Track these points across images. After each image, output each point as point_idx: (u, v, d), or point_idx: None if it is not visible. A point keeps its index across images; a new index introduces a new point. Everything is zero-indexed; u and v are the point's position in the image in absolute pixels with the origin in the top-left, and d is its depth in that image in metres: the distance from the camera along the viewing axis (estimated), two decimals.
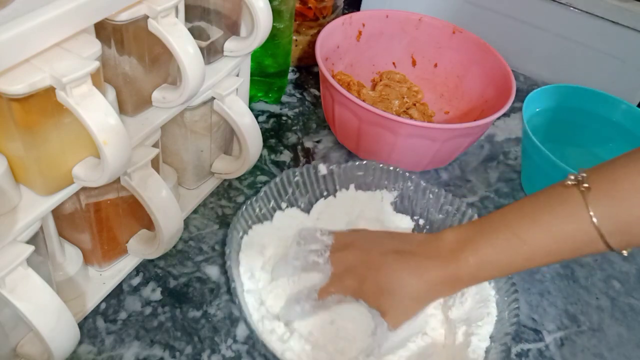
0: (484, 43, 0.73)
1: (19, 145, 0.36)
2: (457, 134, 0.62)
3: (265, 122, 0.73)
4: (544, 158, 0.61)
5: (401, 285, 0.47)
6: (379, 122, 0.61)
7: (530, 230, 0.43)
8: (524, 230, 0.43)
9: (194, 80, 0.44)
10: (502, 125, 0.80)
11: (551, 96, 0.71)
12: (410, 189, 0.58)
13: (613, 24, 0.84)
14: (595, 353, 0.54)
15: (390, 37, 0.77)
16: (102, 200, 0.46)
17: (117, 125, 0.36)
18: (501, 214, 0.46)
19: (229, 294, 0.53)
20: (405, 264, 0.48)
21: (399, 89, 0.76)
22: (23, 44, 0.32)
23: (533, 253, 0.43)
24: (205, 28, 0.52)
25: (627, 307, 0.59)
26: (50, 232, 0.45)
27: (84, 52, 0.36)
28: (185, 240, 0.57)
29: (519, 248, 0.44)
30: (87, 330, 0.48)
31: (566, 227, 0.42)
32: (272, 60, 0.72)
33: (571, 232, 0.42)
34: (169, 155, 0.58)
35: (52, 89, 0.34)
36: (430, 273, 0.47)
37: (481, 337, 0.48)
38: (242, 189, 0.63)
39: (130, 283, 0.52)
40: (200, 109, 0.54)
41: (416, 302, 0.48)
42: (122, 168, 0.39)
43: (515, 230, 0.44)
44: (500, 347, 0.47)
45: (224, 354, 0.49)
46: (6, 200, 0.38)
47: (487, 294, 0.51)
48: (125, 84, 0.44)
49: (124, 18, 0.40)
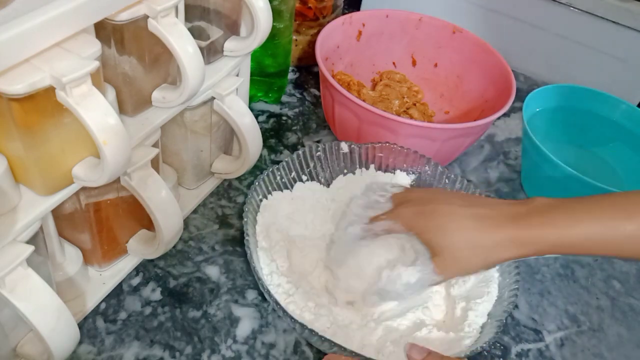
0: (484, 43, 0.72)
1: (18, 145, 0.36)
2: (457, 134, 0.62)
3: (265, 122, 0.73)
4: (544, 158, 0.61)
5: (463, 227, 0.44)
6: (379, 122, 0.61)
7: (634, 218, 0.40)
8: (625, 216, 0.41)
9: (194, 80, 0.44)
10: (502, 125, 0.80)
11: (551, 96, 0.71)
12: (427, 172, 0.60)
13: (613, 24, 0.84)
14: (595, 353, 0.54)
15: (390, 36, 0.77)
16: (102, 200, 0.46)
17: (116, 125, 0.36)
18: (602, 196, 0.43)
19: (229, 294, 0.53)
20: (476, 209, 0.44)
21: (399, 88, 0.76)
22: (23, 43, 0.32)
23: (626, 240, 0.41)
24: (205, 28, 0.52)
25: (627, 307, 0.59)
26: (50, 232, 0.45)
27: (83, 52, 0.36)
28: (185, 240, 0.57)
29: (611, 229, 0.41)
30: (87, 330, 0.48)
31: None
32: (272, 60, 0.72)
33: None
34: (168, 155, 0.58)
35: (52, 89, 0.34)
36: (506, 228, 0.43)
37: (478, 313, 0.49)
38: (242, 189, 0.63)
39: (130, 283, 0.52)
40: (200, 108, 0.54)
41: (476, 256, 0.44)
42: (122, 168, 0.39)
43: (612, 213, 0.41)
44: (495, 322, 0.47)
45: (224, 354, 0.49)
46: (6, 200, 0.38)
47: (490, 275, 0.51)
48: (125, 83, 0.44)
49: (124, 18, 0.40)
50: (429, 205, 0.46)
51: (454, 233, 0.44)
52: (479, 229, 0.43)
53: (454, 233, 0.44)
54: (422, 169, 0.60)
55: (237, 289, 0.53)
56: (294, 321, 0.44)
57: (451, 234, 0.44)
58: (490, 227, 0.43)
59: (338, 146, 0.60)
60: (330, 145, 0.59)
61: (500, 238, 0.43)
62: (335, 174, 0.61)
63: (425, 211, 0.45)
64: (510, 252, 0.43)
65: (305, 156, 0.59)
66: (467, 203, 0.46)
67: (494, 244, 0.43)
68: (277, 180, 0.57)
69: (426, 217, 0.45)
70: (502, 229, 0.43)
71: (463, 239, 0.43)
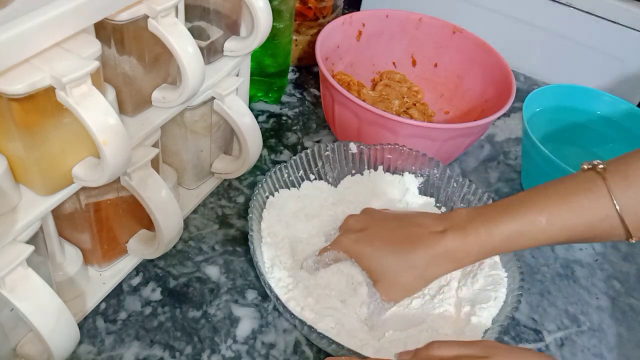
0: (484, 43, 0.72)
1: (18, 145, 0.36)
2: (457, 134, 0.62)
3: (265, 122, 0.73)
4: (544, 158, 0.61)
5: (398, 253, 0.46)
6: (379, 122, 0.61)
7: (550, 208, 0.43)
8: (542, 206, 0.44)
9: (194, 80, 0.44)
10: (502, 125, 0.80)
11: (551, 96, 0.71)
12: (435, 175, 0.60)
13: (613, 24, 0.84)
14: (595, 353, 0.54)
15: (390, 36, 0.77)
16: (102, 200, 0.46)
17: (116, 125, 0.36)
18: (514, 196, 0.46)
19: (229, 294, 0.53)
20: (406, 231, 0.47)
21: (399, 88, 0.76)
22: (23, 43, 0.32)
23: (550, 227, 0.44)
24: (205, 28, 0.52)
25: (627, 307, 0.59)
26: (50, 232, 0.45)
27: (83, 52, 0.36)
28: (185, 240, 0.57)
29: (533, 220, 0.44)
30: (87, 330, 0.48)
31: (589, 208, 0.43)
32: (272, 60, 0.72)
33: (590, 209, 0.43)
34: (168, 155, 0.58)
35: (52, 89, 0.34)
36: (434, 245, 0.46)
37: (482, 319, 0.49)
38: (242, 189, 0.63)
39: (130, 283, 0.52)
40: (200, 108, 0.54)
41: (414, 277, 0.46)
42: (122, 168, 0.39)
43: (532, 205, 0.44)
44: (497, 328, 0.47)
45: (224, 354, 0.49)
46: (6, 200, 0.38)
47: (499, 278, 0.52)
48: (125, 83, 0.44)
49: (124, 18, 0.40)
50: (365, 231, 0.48)
51: (387, 258, 0.46)
52: (410, 251, 0.46)
53: (388, 258, 0.46)
54: (431, 172, 0.60)
55: (237, 289, 0.53)
56: (293, 317, 0.44)
57: (386, 259, 0.46)
58: (420, 247, 0.46)
59: (347, 146, 0.60)
60: (339, 145, 0.60)
61: (431, 255, 0.46)
62: (343, 174, 0.61)
63: (361, 238, 0.48)
64: (443, 267, 0.47)
65: (313, 155, 0.59)
66: (399, 225, 0.49)
67: (426, 263, 0.46)
68: (285, 178, 0.57)
69: (362, 243, 0.48)
70: (431, 247, 0.46)
71: (397, 261, 0.46)
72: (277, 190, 0.57)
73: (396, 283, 0.47)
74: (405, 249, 0.47)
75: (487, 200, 0.57)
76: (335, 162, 0.60)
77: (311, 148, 0.59)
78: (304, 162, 0.59)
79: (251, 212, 0.51)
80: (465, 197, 0.58)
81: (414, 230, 0.48)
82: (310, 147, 0.59)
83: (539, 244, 0.45)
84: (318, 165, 0.60)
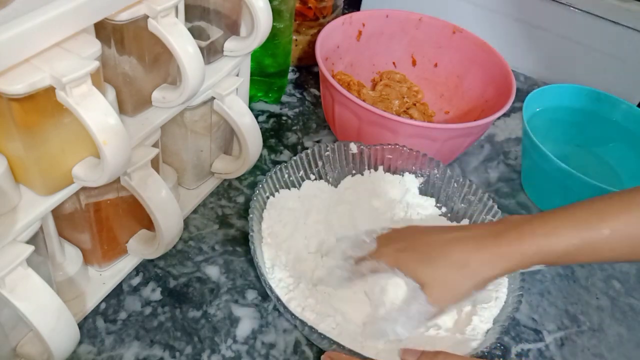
0: (484, 43, 0.72)
1: (18, 145, 0.36)
2: (457, 134, 0.62)
3: (265, 122, 0.73)
4: (544, 158, 0.61)
5: (447, 254, 0.44)
6: (379, 122, 0.61)
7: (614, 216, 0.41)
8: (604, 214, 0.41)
9: (194, 80, 0.44)
10: (502, 125, 0.80)
11: (551, 96, 0.71)
12: (436, 176, 0.60)
13: (613, 23, 0.84)
14: (595, 353, 0.54)
15: (390, 37, 0.77)
16: (102, 200, 0.46)
17: (116, 125, 0.36)
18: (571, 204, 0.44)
19: (229, 294, 0.53)
20: (453, 235, 0.45)
21: (399, 88, 0.76)
22: (23, 43, 0.32)
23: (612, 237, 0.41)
24: (205, 28, 0.52)
25: (627, 307, 0.59)
26: (50, 232, 0.45)
27: (83, 52, 0.36)
28: (185, 240, 0.57)
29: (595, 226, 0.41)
30: (87, 330, 0.48)
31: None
32: (272, 60, 0.72)
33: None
34: (168, 155, 0.58)
35: (52, 89, 0.34)
36: (489, 245, 0.43)
37: (484, 319, 0.49)
38: (242, 189, 0.63)
39: (130, 283, 0.52)
40: (200, 108, 0.54)
41: (464, 277, 0.43)
42: (122, 168, 0.39)
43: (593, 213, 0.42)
44: (498, 328, 0.47)
45: (224, 354, 0.49)
46: (6, 200, 0.38)
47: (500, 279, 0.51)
48: (125, 83, 0.44)
49: (124, 18, 0.40)
50: (408, 240, 0.47)
51: (438, 259, 0.44)
52: (462, 252, 0.44)
53: (438, 259, 0.44)
54: (431, 172, 0.60)
55: (237, 289, 0.53)
56: (294, 317, 0.44)
57: (436, 261, 0.44)
58: (472, 248, 0.44)
59: (347, 146, 0.60)
60: (340, 145, 0.60)
61: (484, 256, 0.43)
62: (343, 174, 0.61)
63: (407, 247, 0.46)
64: (496, 269, 0.44)
65: (313, 155, 0.59)
66: (445, 231, 0.47)
67: (479, 263, 0.44)
68: (285, 178, 0.57)
69: (408, 251, 0.46)
70: (485, 247, 0.44)
71: (448, 263, 0.44)
72: (277, 191, 0.57)
73: (446, 285, 0.44)
74: (455, 250, 0.44)
75: (487, 201, 0.57)
76: (335, 162, 0.60)
77: (311, 148, 0.59)
78: (304, 162, 0.59)
79: (252, 212, 0.51)
80: (466, 197, 0.58)
81: (462, 233, 0.45)
82: (311, 147, 0.59)
83: (599, 256, 0.42)
84: (318, 165, 0.60)
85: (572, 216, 0.43)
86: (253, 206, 0.52)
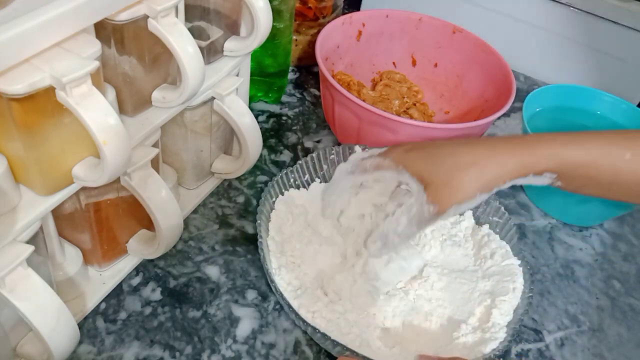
0: (484, 43, 0.72)
1: (18, 145, 0.36)
2: (457, 134, 0.62)
3: (265, 122, 0.73)
4: None
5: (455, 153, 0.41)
6: (379, 122, 0.61)
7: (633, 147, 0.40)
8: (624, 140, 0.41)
9: (194, 80, 0.44)
10: (503, 125, 0.80)
11: (551, 96, 0.71)
12: None
13: (613, 23, 0.84)
14: (595, 353, 0.54)
15: (390, 36, 0.77)
16: (102, 200, 0.46)
17: (116, 125, 0.36)
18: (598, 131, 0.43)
19: (229, 294, 0.53)
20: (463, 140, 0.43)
21: (399, 88, 0.76)
22: (23, 43, 0.32)
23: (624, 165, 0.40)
24: (205, 28, 0.52)
25: (627, 307, 0.59)
26: (50, 232, 0.45)
27: (83, 52, 0.36)
28: (185, 240, 0.57)
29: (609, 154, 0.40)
30: (87, 330, 0.48)
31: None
32: (272, 60, 0.72)
33: None
34: (168, 155, 0.58)
35: (52, 89, 0.34)
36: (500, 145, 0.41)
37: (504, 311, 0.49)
38: (242, 189, 0.63)
39: (130, 283, 0.52)
40: (200, 108, 0.54)
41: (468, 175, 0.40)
42: (122, 168, 0.39)
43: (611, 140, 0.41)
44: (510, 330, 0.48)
45: (224, 354, 0.49)
46: (6, 200, 0.38)
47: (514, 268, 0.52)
48: (125, 83, 0.44)
49: (124, 18, 0.40)
50: (420, 144, 0.45)
51: (445, 158, 0.41)
52: (471, 153, 0.41)
53: (446, 158, 0.41)
54: None
55: (237, 289, 0.53)
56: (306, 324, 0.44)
57: (442, 158, 0.41)
58: (483, 150, 0.41)
59: (352, 149, 0.59)
60: (344, 148, 0.60)
61: (495, 154, 0.41)
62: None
63: (416, 147, 0.44)
64: (505, 167, 0.40)
65: (319, 158, 0.59)
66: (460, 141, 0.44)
67: (487, 162, 0.40)
68: (291, 182, 0.57)
69: (415, 150, 0.43)
70: (496, 149, 0.41)
71: (454, 162, 0.41)
72: (286, 190, 0.57)
73: (449, 183, 0.40)
74: (464, 151, 0.41)
75: (491, 201, 0.57)
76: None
77: (316, 151, 0.59)
78: (310, 165, 0.59)
79: (259, 218, 0.51)
80: None
81: (476, 139, 0.43)
82: (316, 150, 0.59)
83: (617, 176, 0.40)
84: (323, 168, 0.60)
85: (597, 136, 0.41)
86: (260, 211, 0.52)
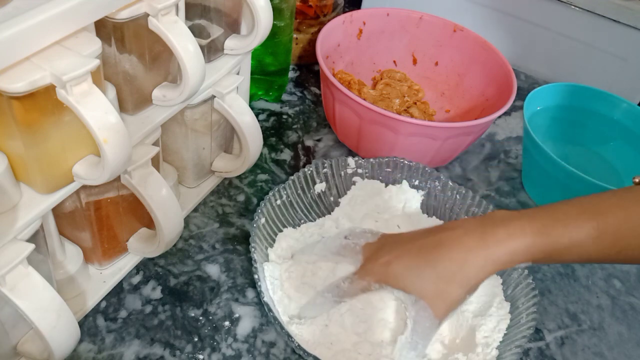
0: (484, 41, 0.72)
1: (19, 144, 0.36)
2: (457, 133, 0.62)
3: (265, 120, 0.73)
4: (545, 157, 0.61)
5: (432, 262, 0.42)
6: (380, 121, 0.61)
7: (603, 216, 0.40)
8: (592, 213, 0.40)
9: (195, 78, 0.44)
10: (503, 124, 0.80)
11: (552, 95, 0.71)
12: (437, 188, 0.59)
13: (614, 22, 0.84)
14: (595, 352, 0.54)
15: (391, 35, 0.77)
16: (102, 199, 0.46)
17: (117, 124, 0.36)
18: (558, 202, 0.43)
19: (230, 293, 0.53)
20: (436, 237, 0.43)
21: (400, 87, 0.76)
22: (23, 42, 0.32)
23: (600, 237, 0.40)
24: (206, 26, 0.52)
25: (627, 306, 0.59)
26: (50, 231, 0.45)
27: (84, 50, 0.35)
28: (186, 238, 0.57)
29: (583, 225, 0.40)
30: (87, 329, 0.48)
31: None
32: (273, 59, 0.72)
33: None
34: (169, 154, 0.58)
35: (53, 87, 0.34)
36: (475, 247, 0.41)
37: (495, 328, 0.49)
38: (242, 188, 0.63)
39: (130, 281, 0.52)
40: (200, 107, 0.54)
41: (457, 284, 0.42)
42: (123, 166, 0.39)
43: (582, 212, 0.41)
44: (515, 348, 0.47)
45: (224, 352, 0.49)
46: (6, 198, 0.38)
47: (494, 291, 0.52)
48: (126, 82, 0.44)
49: (125, 16, 0.40)
50: (393, 253, 0.45)
51: (422, 271, 0.43)
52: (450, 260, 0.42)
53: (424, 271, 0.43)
54: (432, 185, 0.59)
55: (237, 288, 0.53)
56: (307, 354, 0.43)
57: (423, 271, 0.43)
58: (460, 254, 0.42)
59: (345, 162, 0.59)
60: (337, 161, 0.59)
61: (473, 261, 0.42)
62: (344, 191, 0.60)
63: (390, 260, 0.44)
64: (486, 271, 0.42)
65: (312, 173, 0.58)
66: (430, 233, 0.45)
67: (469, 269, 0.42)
68: (284, 199, 0.56)
69: (393, 265, 0.44)
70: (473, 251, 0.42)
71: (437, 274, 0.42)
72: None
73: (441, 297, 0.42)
74: (439, 257, 0.42)
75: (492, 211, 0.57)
76: (333, 178, 0.59)
77: (308, 167, 0.57)
78: (302, 180, 0.57)
79: (252, 240, 0.50)
80: (470, 209, 0.58)
81: (446, 234, 0.44)
82: (309, 166, 0.57)
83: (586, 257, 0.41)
84: (316, 182, 0.58)
85: (561, 214, 0.41)
86: (254, 234, 0.50)
